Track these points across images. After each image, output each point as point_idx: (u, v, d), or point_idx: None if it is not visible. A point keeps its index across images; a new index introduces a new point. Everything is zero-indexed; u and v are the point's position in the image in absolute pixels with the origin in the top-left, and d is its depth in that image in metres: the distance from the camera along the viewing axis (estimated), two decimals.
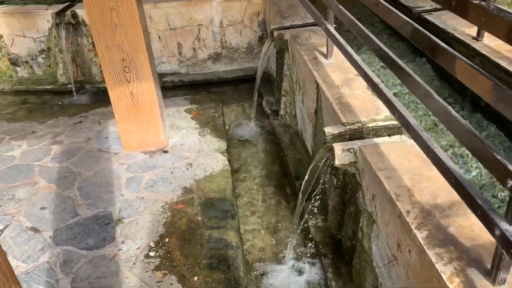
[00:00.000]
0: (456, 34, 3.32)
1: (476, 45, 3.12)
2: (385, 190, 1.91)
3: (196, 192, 3.27)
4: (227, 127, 4.30)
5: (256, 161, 3.86)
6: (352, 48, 2.65)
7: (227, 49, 5.13)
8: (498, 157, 1.26)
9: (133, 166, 3.59)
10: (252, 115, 4.32)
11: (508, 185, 1.23)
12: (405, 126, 1.94)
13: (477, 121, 3.13)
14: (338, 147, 2.20)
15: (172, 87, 5.15)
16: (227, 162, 3.61)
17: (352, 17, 2.51)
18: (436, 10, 3.87)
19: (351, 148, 2.21)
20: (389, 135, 2.32)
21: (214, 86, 5.16)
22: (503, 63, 2.85)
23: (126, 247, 2.82)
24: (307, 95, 3.26)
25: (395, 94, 2.97)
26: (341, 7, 2.68)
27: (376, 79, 2.30)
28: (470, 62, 1.48)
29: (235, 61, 5.22)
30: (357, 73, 2.89)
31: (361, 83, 2.80)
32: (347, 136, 2.35)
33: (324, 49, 3.28)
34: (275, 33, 3.74)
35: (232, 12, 4.91)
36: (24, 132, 4.22)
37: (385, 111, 2.46)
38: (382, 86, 2.20)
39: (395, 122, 2.35)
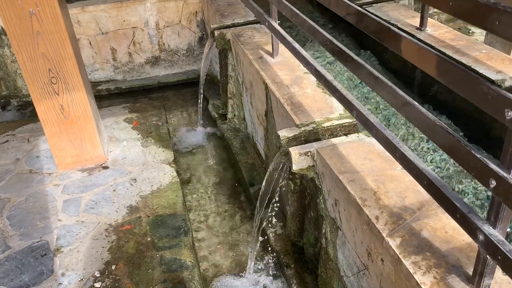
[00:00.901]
0: (400, 25, 3.28)
1: (420, 35, 3.09)
2: (349, 194, 1.77)
3: (143, 210, 3.00)
4: (172, 135, 4.04)
5: (206, 169, 3.64)
6: None
7: (165, 52, 4.86)
8: (478, 156, 1.14)
9: (70, 187, 3.24)
10: (199, 121, 4.09)
11: (491, 186, 1.11)
12: (365, 125, 1.81)
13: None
14: (294, 151, 2.04)
15: (108, 96, 4.80)
16: (175, 174, 3.36)
17: (297, 11, 2.36)
18: (377, 1, 3.83)
19: (308, 151, 2.05)
20: (345, 134, 2.19)
21: (155, 92, 4.87)
22: (449, 52, 2.83)
23: (67, 280, 2.51)
24: (255, 96, 3.08)
25: None
26: (285, 2, 2.52)
27: (329, 76, 2.16)
28: (416, 40, 1.37)
29: (176, 64, 4.96)
30: (306, 70, 2.75)
31: (311, 80, 2.67)
32: (303, 139, 2.20)
33: (269, 48, 3.12)
34: (216, 32, 3.53)
35: (168, 13, 4.64)
36: None
37: (339, 109, 2.34)
38: (335, 83, 2.07)
39: (350, 120, 2.23)
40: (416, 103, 1.44)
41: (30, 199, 3.15)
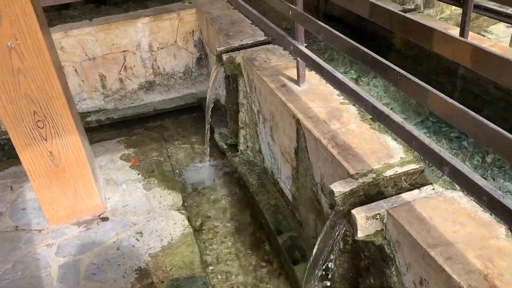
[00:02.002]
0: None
1: None
2: (450, 279, 1.34)
3: (155, 273, 2.53)
4: (177, 172, 3.57)
5: (220, 212, 3.18)
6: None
7: (161, 75, 4.40)
8: None
9: (65, 247, 2.75)
10: (206, 154, 3.63)
11: None
12: (450, 174, 1.39)
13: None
14: (360, 215, 1.61)
15: (98, 128, 4.31)
16: (187, 222, 2.90)
17: (338, 33, 1.94)
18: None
19: (377, 213, 1.63)
20: (413, 185, 1.78)
21: (151, 121, 4.39)
22: None
23: None
24: (279, 130, 2.65)
25: None
26: (316, 20, 2.11)
27: (381, 106, 1.74)
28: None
29: (172, 88, 4.50)
30: (342, 100, 2.34)
31: (351, 113, 2.25)
32: (361, 193, 1.77)
33: (291, 73, 2.70)
34: (224, 56, 3.09)
35: (162, 33, 4.19)
36: None
37: (397, 151, 1.92)
38: (391, 114, 1.65)
39: (416, 166, 1.81)
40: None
41: (18, 265, 2.65)
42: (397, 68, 1.60)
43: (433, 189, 1.70)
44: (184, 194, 3.25)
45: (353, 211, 1.63)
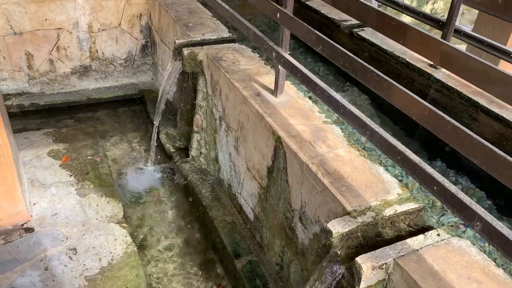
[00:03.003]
0: (408, 60, 2.80)
1: (438, 74, 2.64)
2: None
3: None
4: (114, 176, 3.14)
5: (165, 226, 2.82)
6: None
7: (98, 60, 3.88)
8: None
9: None
10: (151, 157, 3.23)
11: None
12: (483, 231, 1.24)
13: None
14: (366, 265, 1.41)
15: (20, 114, 3.69)
16: (129, 239, 2.53)
17: (332, 42, 1.71)
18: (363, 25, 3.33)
19: (384, 263, 1.43)
20: (412, 227, 1.62)
21: (83, 111, 3.87)
22: (483, 102, 2.40)
23: None
24: (248, 143, 2.38)
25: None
26: (305, 24, 1.86)
27: (393, 139, 1.55)
28: None
29: (110, 76, 4.01)
30: (322, 117, 2.14)
31: (336, 134, 2.05)
32: (359, 234, 1.58)
33: (264, 80, 2.44)
34: (185, 51, 2.74)
35: (105, 13, 3.69)
36: None
37: (393, 185, 1.75)
38: (406, 151, 1.47)
39: (415, 205, 1.66)
40: None
41: None
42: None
43: (438, 235, 1.55)
44: (124, 204, 2.85)
45: (358, 260, 1.42)
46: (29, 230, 2.49)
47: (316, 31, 1.81)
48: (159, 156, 3.35)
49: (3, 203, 2.42)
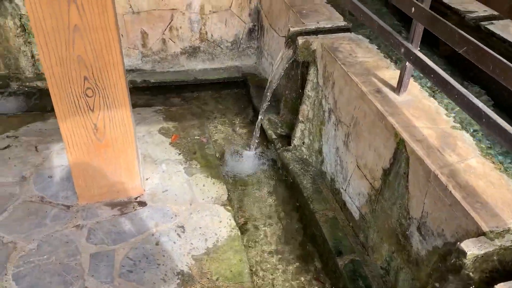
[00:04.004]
0: None
1: None
2: None
3: (200, 281, 2.23)
4: (217, 156, 3.23)
5: (264, 212, 2.85)
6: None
7: (207, 42, 3.97)
8: None
9: (97, 232, 2.44)
10: (253, 142, 3.26)
11: None
12: None
13: None
14: None
15: (132, 90, 3.88)
16: (233, 222, 2.59)
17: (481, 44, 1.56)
18: (495, 17, 3.03)
19: None
20: None
21: (189, 90, 4.00)
22: None
23: None
24: (361, 141, 2.30)
25: None
26: (446, 22, 1.72)
27: None
28: None
29: (217, 58, 4.09)
30: (453, 123, 1.98)
31: (467, 143, 1.89)
32: (495, 258, 1.45)
33: (384, 75, 2.32)
34: (300, 40, 2.69)
35: None
36: None
37: None
38: None
39: None
40: None
41: (44, 246, 2.34)
42: None
43: None
44: (228, 186, 2.92)
45: None
46: (142, 204, 2.65)
47: (460, 31, 1.66)
48: (260, 141, 3.37)
49: (122, 176, 2.59)
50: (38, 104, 3.67)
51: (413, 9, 1.91)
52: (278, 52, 3.52)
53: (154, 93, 3.89)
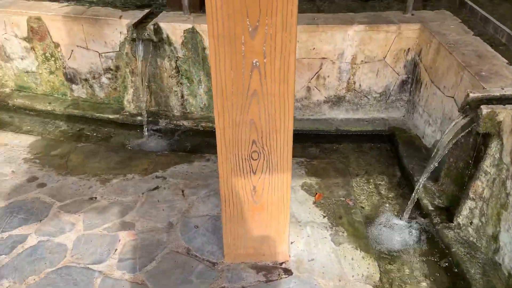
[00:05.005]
0: None
1: None
2: None
3: None
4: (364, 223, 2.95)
5: None
6: None
7: (354, 92, 3.77)
8: None
9: None
10: (406, 211, 2.94)
11: None
12: None
13: None
14: None
15: None
16: None
17: None
18: None
19: None
20: None
21: (327, 141, 3.81)
22: None
23: None
24: None
25: None
26: None
27: None
28: None
29: (362, 108, 3.86)
30: None
31: None
32: None
33: None
34: (484, 109, 2.34)
35: (372, 46, 3.53)
36: (80, 197, 3.02)
37: None
38: None
39: None
40: None
41: None
42: None
43: None
44: (378, 262, 2.63)
45: None
46: (288, 271, 2.47)
47: None
48: (413, 212, 3.02)
49: (271, 240, 2.45)
50: (184, 145, 3.76)
51: None
52: (438, 110, 3.19)
53: (293, 141, 3.76)
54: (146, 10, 3.84)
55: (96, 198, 3.00)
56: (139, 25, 3.64)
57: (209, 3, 1.72)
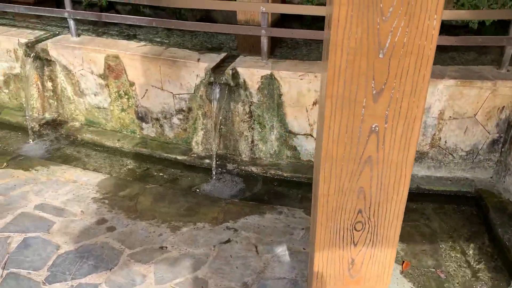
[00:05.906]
0: None
1: None
2: None
3: None
4: None
5: None
6: None
7: (438, 148, 3.51)
8: None
9: None
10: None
11: None
12: None
13: None
14: None
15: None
16: None
17: None
18: None
19: None
20: None
21: (408, 200, 3.53)
22: None
23: None
24: None
25: None
26: None
27: None
28: None
29: (445, 167, 3.58)
30: None
31: None
32: None
33: None
34: None
35: (463, 102, 3.29)
36: (151, 246, 2.88)
37: None
38: None
39: None
40: None
41: None
42: None
43: None
44: None
45: None
46: None
47: None
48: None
49: None
50: (253, 192, 3.60)
51: None
52: None
53: None
54: (223, 54, 3.80)
55: (166, 247, 2.86)
56: (216, 69, 3.59)
57: (333, 64, 1.58)
